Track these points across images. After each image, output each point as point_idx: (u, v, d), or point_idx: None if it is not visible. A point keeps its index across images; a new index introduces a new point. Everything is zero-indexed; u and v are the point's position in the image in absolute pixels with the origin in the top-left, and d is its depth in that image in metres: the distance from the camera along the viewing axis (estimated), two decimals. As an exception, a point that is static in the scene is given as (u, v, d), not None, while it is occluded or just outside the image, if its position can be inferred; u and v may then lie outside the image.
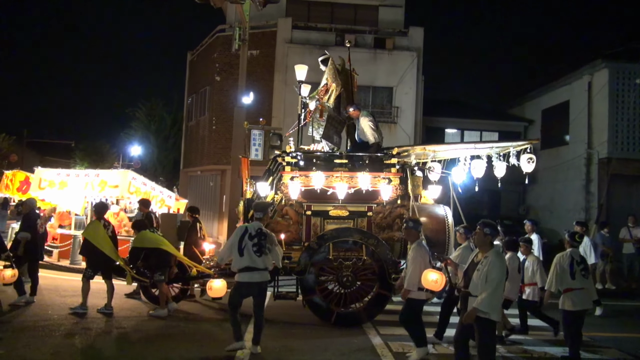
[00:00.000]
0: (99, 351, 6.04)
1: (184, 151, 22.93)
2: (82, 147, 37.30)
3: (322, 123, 8.40)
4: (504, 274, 4.77)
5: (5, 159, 30.58)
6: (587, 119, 17.78)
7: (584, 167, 17.82)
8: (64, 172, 12.06)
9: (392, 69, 17.91)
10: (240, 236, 5.79)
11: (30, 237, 7.92)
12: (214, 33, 20.10)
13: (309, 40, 18.29)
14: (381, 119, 17.77)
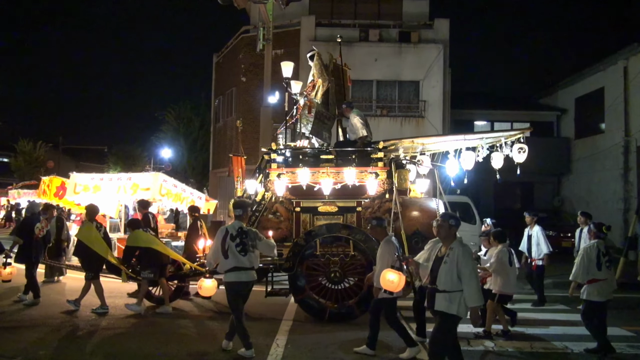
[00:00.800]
0: (96, 347, 6.09)
1: (213, 152, 23.21)
2: (114, 151, 38.23)
3: (311, 119, 8.35)
4: (475, 262, 4.68)
5: (43, 166, 31.61)
6: (623, 105, 17.17)
7: (621, 156, 17.22)
8: (98, 176, 12.35)
9: (418, 63, 17.68)
10: (222, 239, 5.70)
11: (22, 242, 8.07)
12: (239, 34, 20.26)
13: (332, 37, 18.19)
14: (408, 114, 17.64)
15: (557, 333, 6.98)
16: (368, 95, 18.07)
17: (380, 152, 7.72)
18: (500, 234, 7.07)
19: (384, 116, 17.60)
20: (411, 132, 17.38)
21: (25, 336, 6.31)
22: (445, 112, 17.96)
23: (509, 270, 6.79)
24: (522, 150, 7.53)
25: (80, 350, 5.86)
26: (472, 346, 6.29)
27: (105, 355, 5.74)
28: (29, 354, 5.61)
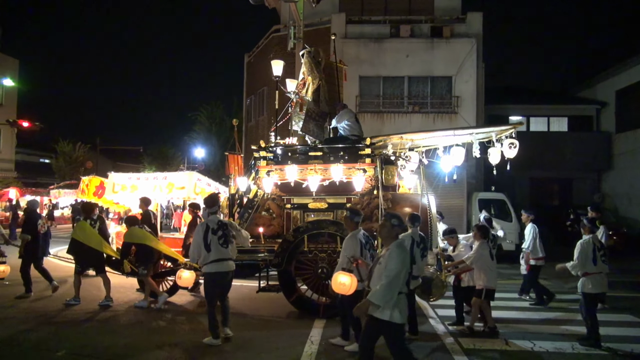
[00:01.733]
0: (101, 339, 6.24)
1: (245, 151, 23.41)
2: (149, 152, 39.10)
3: (302, 117, 8.41)
4: (404, 266, 4.22)
5: (82, 166, 32.60)
6: (668, 97, 16.45)
7: (666, 150, 16.51)
8: (135, 176, 12.60)
9: (451, 58, 17.38)
10: (203, 233, 5.95)
11: (30, 238, 8.44)
12: (269, 34, 20.37)
13: (363, 34, 18.12)
14: (441, 110, 17.36)
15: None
16: (399, 92, 17.88)
17: (368, 149, 7.65)
18: (484, 229, 7.02)
19: (415, 112, 17.38)
20: (444, 127, 17.10)
21: (67, 331, 6.52)
22: (478, 108, 17.60)
23: (491, 264, 6.71)
24: (512, 146, 7.38)
25: (127, 345, 6.01)
26: (510, 347, 6.14)
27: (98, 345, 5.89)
28: (74, 348, 5.79)
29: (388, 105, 17.81)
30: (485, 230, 7.01)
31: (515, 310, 8.15)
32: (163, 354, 5.69)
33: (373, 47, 17.81)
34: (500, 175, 8.27)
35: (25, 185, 26.71)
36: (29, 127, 23.18)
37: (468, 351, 5.94)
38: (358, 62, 17.76)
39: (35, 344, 5.93)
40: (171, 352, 5.78)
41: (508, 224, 14.33)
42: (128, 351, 5.78)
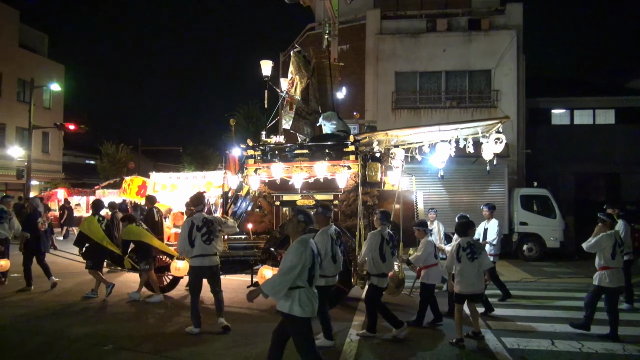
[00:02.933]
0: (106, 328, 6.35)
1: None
2: (188, 152, 39.89)
3: (292, 115, 8.53)
4: (300, 261, 4.14)
5: (125, 166, 33.62)
6: None
7: None
8: (175, 175, 12.93)
9: (490, 51, 16.96)
10: (188, 230, 6.25)
11: (29, 235, 8.79)
12: (304, 32, 20.42)
13: (399, 29, 17.92)
14: (479, 104, 16.98)
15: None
16: (436, 86, 17.60)
17: (352, 146, 7.67)
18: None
19: (453, 108, 17.06)
20: (483, 123, 16.74)
21: (112, 326, 6.72)
22: (519, 101, 17.11)
23: (465, 269, 6.16)
24: (499, 141, 7.21)
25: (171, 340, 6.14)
26: (557, 347, 5.93)
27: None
28: (121, 343, 5.96)
29: (425, 100, 17.56)
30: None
31: (560, 310, 7.88)
32: (187, 340, 5.77)
33: (409, 43, 17.60)
34: (543, 171, 8.01)
35: (72, 185, 27.76)
36: (75, 129, 24.06)
37: (512, 351, 5.77)
38: (394, 58, 17.58)
39: (83, 337, 6.13)
40: (185, 338, 5.86)
41: (552, 220, 13.86)
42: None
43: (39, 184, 28.01)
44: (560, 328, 6.72)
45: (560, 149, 19.97)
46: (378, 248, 6.04)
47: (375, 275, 6.11)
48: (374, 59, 17.83)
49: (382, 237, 6.11)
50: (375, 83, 17.75)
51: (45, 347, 5.75)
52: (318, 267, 4.40)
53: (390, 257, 6.20)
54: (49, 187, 27.39)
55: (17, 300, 8.14)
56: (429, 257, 6.70)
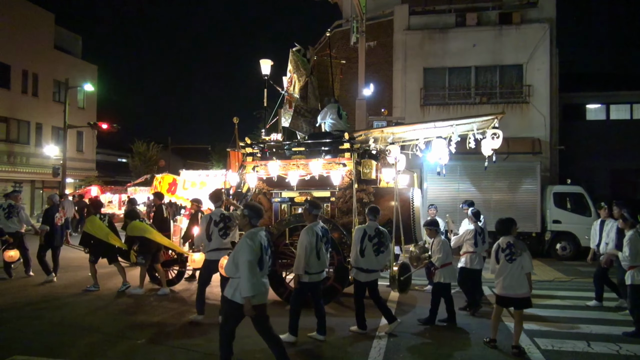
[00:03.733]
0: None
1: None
2: (217, 150, 40.37)
3: (291, 113, 8.65)
4: (253, 255, 4.37)
5: (155, 164, 34.28)
6: None
7: None
8: (204, 173, 13.08)
9: (521, 45, 16.57)
10: (206, 225, 6.60)
11: (48, 229, 9.21)
12: (332, 29, 20.37)
13: (427, 24, 17.68)
14: (511, 100, 16.62)
15: None
16: (466, 82, 17.30)
17: (347, 144, 7.72)
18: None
19: (483, 104, 16.74)
20: (515, 119, 16.38)
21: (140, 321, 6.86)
22: (552, 97, 16.67)
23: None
24: (495, 136, 7.07)
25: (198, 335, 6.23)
26: (593, 349, 5.76)
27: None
28: (154, 337, 6.08)
29: (454, 96, 17.29)
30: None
31: (596, 311, 7.65)
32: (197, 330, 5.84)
33: (437, 38, 17.36)
34: (576, 167, 7.81)
35: (105, 183, 28.47)
36: (108, 128, 24.66)
37: (546, 352, 5.63)
38: (422, 53, 17.37)
39: (119, 331, 6.27)
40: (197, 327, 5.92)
41: (586, 218, 13.46)
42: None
43: (74, 182, 28.81)
44: (597, 329, 6.53)
45: (596, 145, 19.38)
46: (359, 242, 6.12)
47: (355, 267, 6.21)
48: (402, 55, 17.64)
49: (364, 232, 6.16)
50: (403, 79, 17.56)
51: (74, 340, 5.91)
52: (268, 259, 4.59)
53: (372, 254, 6.15)
54: (83, 185, 28.17)
55: (19, 290, 8.43)
56: (448, 256, 6.72)
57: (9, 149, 24.60)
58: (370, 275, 6.22)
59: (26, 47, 25.39)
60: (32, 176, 26.06)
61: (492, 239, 6.53)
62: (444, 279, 6.70)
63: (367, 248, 6.11)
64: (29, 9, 26.05)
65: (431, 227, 6.98)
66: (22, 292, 8.40)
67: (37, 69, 26.42)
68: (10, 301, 7.76)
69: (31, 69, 26.02)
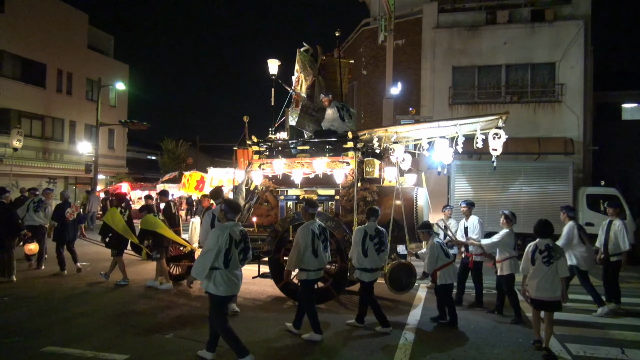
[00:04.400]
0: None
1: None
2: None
3: (297, 111, 8.79)
4: (216, 245, 4.74)
5: (184, 162, 34.82)
6: None
7: None
8: (231, 170, 13.26)
9: (554, 42, 16.16)
10: (210, 221, 6.84)
11: (56, 224, 9.61)
12: (359, 28, 20.29)
13: (456, 22, 17.42)
14: (542, 99, 16.24)
15: None
16: (496, 81, 16.98)
17: (350, 142, 7.77)
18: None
19: (514, 103, 16.39)
20: (546, 118, 16.01)
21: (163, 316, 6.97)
22: (586, 95, 16.20)
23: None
24: (497, 136, 7.03)
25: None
26: (627, 356, 5.56)
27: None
28: (178, 331, 6.17)
29: (483, 95, 17.00)
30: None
31: (631, 317, 7.40)
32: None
33: (467, 36, 17.08)
34: (611, 169, 7.61)
35: (135, 180, 29.09)
36: (138, 126, 25.18)
37: (577, 358, 5.47)
38: (451, 52, 17.13)
39: (146, 324, 6.39)
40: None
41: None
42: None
43: (105, 178, 29.52)
44: (632, 336, 6.32)
45: (631, 146, 18.77)
46: (361, 243, 6.16)
47: (358, 269, 6.24)
48: (430, 54, 17.43)
49: (365, 232, 6.22)
50: (432, 78, 17.35)
51: (101, 330, 6.04)
52: (238, 253, 4.84)
53: (375, 253, 6.22)
54: (114, 181, 28.84)
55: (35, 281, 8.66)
56: (440, 258, 6.67)
57: (44, 145, 25.35)
58: (375, 274, 6.33)
59: (61, 46, 26.12)
60: (65, 172, 26.81)
61: (522, 241, 6.42)
62: (445, 280, 6.67)
63: (369, 248, 6.19)
64: (64, 10, 26.79)
65: (424, 230, 6.98)
66: (49, 284, 8.67)
67: (71, 68, 27.14)
68: (38, 293, 8.01)
69: (66, 68, 26.76)
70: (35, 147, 24.47)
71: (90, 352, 5.22)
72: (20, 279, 8.98)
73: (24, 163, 22.69)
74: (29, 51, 24.18)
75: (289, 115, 9.12)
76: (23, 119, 24.17)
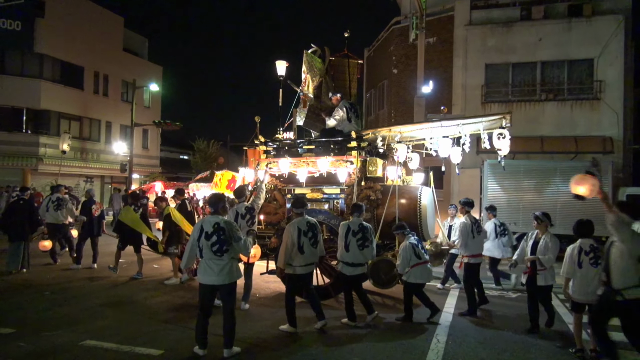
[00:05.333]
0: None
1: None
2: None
3: (305, 112, 9.03)
4: (193, 237, 5.18)
5: (215, 161, 35.32)
6: None
7: None
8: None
9: (592, 38, 15.64)
10: (234, 218, 6.95)
11: (85, 219, 10.23)
12: (389, 26, 20.16)
13: (490, 19, 17.08)
14: (580, 96, 15.77)
15: None
16: (531, 78, 16.55)
17: (354, 142, 7.92)
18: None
19: (550, 100, 15.97)
20: (584, 116, 15.53)
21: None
22: (626, 92, 15.64)
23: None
24: (501, 136, 7.04)
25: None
26: None
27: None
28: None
29: (518, 93, 16.61)
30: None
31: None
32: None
33: (501, 33, 16.72)
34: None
35: (168, 179, 29.66)
36: (171, 126, 25.68)
37: None
38: (484, 49, 16.80)
39: (175, 318, 6.50)
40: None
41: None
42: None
43: (139, 177, 30.22)
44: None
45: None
46: (344, 237, 6.32)
47: (340, 261, 6.42)
48: (462, 51, 17.14)
49: (348, 227, 6.34)
50: (464, 76, 17.05)
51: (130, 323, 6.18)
52: (207, 244, 5.06)
53: (356, 249, 6.30)
54: (147, 180, 29.50)
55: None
56: (412, 259, 6.71)
57: (81, 146, 26.15)
58: (356, 269, 6.43)
59: (98, 49, 26.89)
60: (101, 172, 27.59)
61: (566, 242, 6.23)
62: (410, 279, 6.75)
63: (351, 243, 6.30)
64: (100, 14, 27.57)
65: (397, 231, 7.05)
66: (87, 280, 8.94)
67: (107, 71, 27.92)
68: (78, 289, 8.26)
69: (102, 70, 27.54)
70: (73, 147, 25.20)
71: (127, 347, 5.36)
72: (55, 274, 9.36)
73: (64, 162, 23.48)
74: (68, 54, 25.00)
75: (297, 115, 9.34)
76: (62, 119, 25.01)
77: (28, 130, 23.75)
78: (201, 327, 5.18)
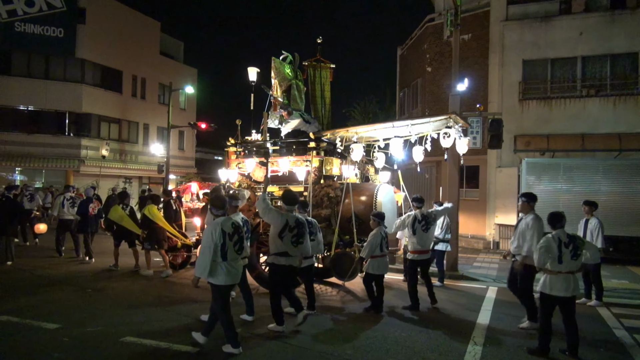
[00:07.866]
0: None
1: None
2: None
3: (276, 115, 9.70)
4: (211, 242, 5.03)
5: (249, 162, 35.77)
6: None
7: None
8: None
9: (637, 31, 15.01)
10: None
11: (79, 218, 10.91)
12: (423, 24, 19.90)
13: (527, 14, 16.63)
14: (624, 92, 15.18)
15: None
16: (571, 74, 16.01)
17: (313, 142, 8.42)
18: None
19: (591, 97, 15.41)
20: (627, 112, 14.93)
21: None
22: (674, 87, 14.94)
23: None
24: (446, 136, 7.65)
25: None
26: None
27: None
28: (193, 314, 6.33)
29: (557, 90, 16.10)
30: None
31: None
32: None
33: (539, 27, 16.26)
34: None
35: (203, 180, 30.19)
36: (206, 128, 26.09)
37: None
38: (521, 45, 16.37)
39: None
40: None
41: None
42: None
43: (175, 178, 30.90)
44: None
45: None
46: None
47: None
48: (498, 48, 16.75)
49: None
50: (500, 73, 16.66)
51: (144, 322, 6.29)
52: (233, 245, 5.14)
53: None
54: (183, 181, 30.10)
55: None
56: (376, 249, 6.97)
57: (120, 147, 26.94)
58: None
59: (135, 54, 27.65)
60: (139, 172, 28.34)
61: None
62: (371, 270, 7.06)
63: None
64: (138, 19, 28.34)
65: (375, 218, 7.20)
66: (112, 279, 9.18)
67: (145, 74, 28.66)
68: (113, 287, 8.49)
69: (140, 74, 28.29)
70: (113, 148, 26.03)
71: (165, 344, 5.45)
72: (93, 273, 9.70)
73: (104, 164, 24.24)
74: (107, 59, 25.80)
75: (268, 118, 9.80)
76: (102, 122, 25.84)
77: (70, 133, 24.63)
78: (230, 324, 5.23)
